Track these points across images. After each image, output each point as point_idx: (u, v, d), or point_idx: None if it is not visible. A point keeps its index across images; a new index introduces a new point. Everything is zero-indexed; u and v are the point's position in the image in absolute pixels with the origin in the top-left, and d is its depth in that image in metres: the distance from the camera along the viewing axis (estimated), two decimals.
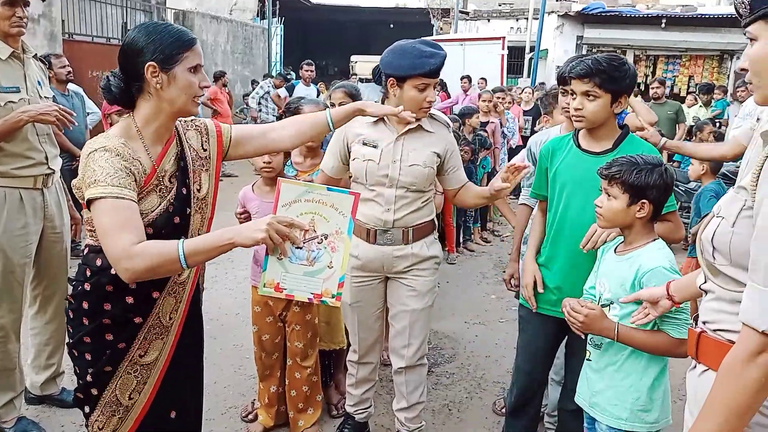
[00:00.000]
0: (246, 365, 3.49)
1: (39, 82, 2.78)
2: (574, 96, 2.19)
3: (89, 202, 1.57)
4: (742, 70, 1.25)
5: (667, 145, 3.34)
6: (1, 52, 2.59)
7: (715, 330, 1.29)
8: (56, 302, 2.93)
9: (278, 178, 1.80)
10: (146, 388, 1.79)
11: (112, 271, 1.63)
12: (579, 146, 2.28)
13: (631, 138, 2.26)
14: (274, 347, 2.81)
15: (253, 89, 12.94)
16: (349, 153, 2.49)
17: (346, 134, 2.48)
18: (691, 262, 3.99)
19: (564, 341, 2.48)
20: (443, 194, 2.94)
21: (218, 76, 10.35)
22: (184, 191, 1.76)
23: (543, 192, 2.40)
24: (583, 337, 1.98)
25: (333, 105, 3.21)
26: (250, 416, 2.98)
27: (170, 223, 1.71)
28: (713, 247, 1.25)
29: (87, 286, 1.71)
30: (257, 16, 19.26)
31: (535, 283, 2.38)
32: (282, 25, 20.25)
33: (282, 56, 20.53)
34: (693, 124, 7.58)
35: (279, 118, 8.47)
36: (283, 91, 9.05)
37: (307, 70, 8.44)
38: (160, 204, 1.69)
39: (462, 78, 9.90)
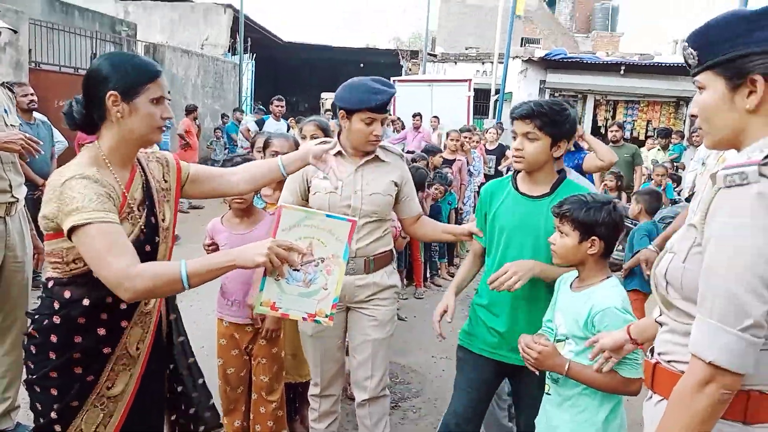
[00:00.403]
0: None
1: (5, 110, 2.77)
2: (515, 137, 2.28)
3: (72, 230, 1.55)
4: (692, 116, 1.34)
5: (585, 137, 4.01)
6: None
7: (668, 361, 1.34)
8: (14, 334, 2.85)
9: (279, 204, 1.93)
10: (113, 421, 1.76)
11: (85, 302, 1.65)
12: (517, 189, 2.29)
13: (568, 182, 2.28)
14: (239, 381, 2.77)
15: (224, 123, 12.98)
16: (309, 188, 2.55)
17: (306, 170, 2.53)
18: (631, 296, 4.15)
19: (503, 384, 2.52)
20: (402, 232, 3.03)
21: (190, 110, 10.37)
22: (153, 220, 1.79)
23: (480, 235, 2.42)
24: (537, 373, 1.99)
25: (305, 137, 3.27)
26: None
27: (142, 251, 1.71)
28: (666, 282, 1.31)
29: (56, 319, 1.68)
30: (228, 51, 19.40)
31: (473, 324, 2.42)
32: (253, 61, 20.41)
33: (253, 91, 20.65)
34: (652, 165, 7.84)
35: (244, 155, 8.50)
36: (252, 125, 9.09)
37: (277, 106, 8.51)
38: (132, 231, 1.71)
39: (414, 116, 10.16)
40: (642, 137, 12.91)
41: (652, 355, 1.42)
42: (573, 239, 1.95)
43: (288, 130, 8.55)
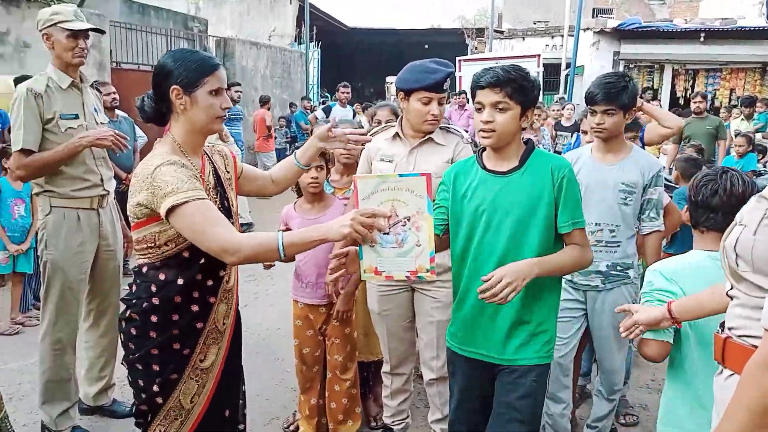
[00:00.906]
0: (287, 378, 3.58)
1: (95, 109, 2.98)
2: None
3: (170, 211, 1.70)
4: None
5: (644, 107, 3.62)
6: (63, 82, 2.79)
7: (740, 336, 1.32)
8: (109, 317, 3.08)
9: (353, 176, 1.98)
10: (205, 391, 1.92)
11: (179, 282, 1.82)
12: (485, 167, 2.06)
13: (537, 153, 2.05)
14: (314, 360, 2.89)
15: (291, 112, 13.26)
16: (371, 171, 2.63)
17: (369, 152, 2.63)
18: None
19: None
20: None
21: (264, 101, 10.75)
22: (226, 203, 1.94)
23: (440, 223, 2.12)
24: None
25: (379, 122, 3.32)
26: (291, 427, 3.07)
27: None
28: (736, 254, 1.29)
29: (155, 301, 1.84)
30: (295, 41, 19.72)
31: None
32: (319, 49, 20.66)
33: (319, 79, 20.94)
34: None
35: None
36: (320, 113, 9.25)
37: (343, 92, 8.62)
38: None
39: (459, 93, 9.94)
40: (724, 107, 12.19)
41: (722, 330, 1.39)
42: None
43: (354, 116, 8.66)
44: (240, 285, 2.11)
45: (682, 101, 12.97)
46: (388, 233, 1.77)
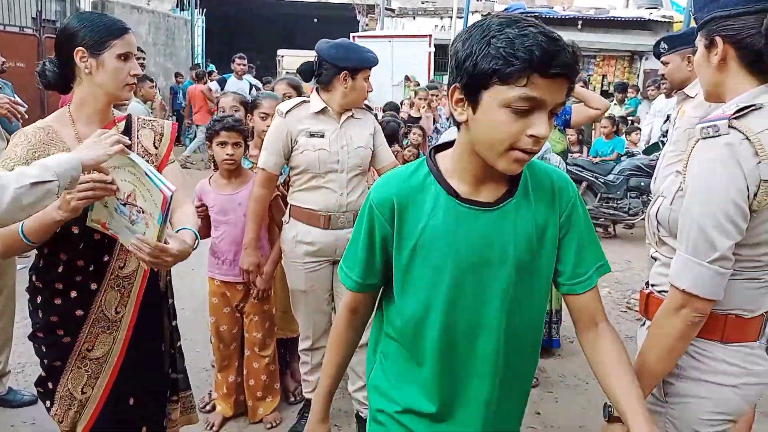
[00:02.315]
0: (197, 358, 3.48)
1: None
2: None
3: None
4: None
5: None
6: None
7: (660, 291, 1.52)
8: (2, 299, 2.84)
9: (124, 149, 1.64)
10: (99, 383, 1.83)
11: (60, 264, 1.73)
12: (456, 196, 1.21)
13: (531, 164, 1.25)
14: (231, 338, 2.85)
15: (178, 83, 12.61)
16: (293, 148, 2.59)
17: (289, 130, 2.58)
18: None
19: None
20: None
21: (200, 76, 10.44)
22: None
23: (373, 279, 1.33)
24: None
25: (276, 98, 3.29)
26: (207, 407, 3.01)
27: None
28: (657, 221, 1.49)
29: (38, 283, 1.78)
30: (176, 6, 18.67)
31: None
32: (204, 17, 19.73)
33: (204, 48, 20.02)
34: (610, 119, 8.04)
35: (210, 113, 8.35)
36: (214, 85, 8.91)
37: (239, 64, 8.36)
38: None
39: None
40: (598, 92, 13.16)
41: (647, 287, 1.59)
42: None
43: (250, 88, 8.41)
44: None
45: None
46: (125, 205, 1.64)
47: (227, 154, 2.66)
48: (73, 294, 1.76)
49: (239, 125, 2.70)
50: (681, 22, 13.29)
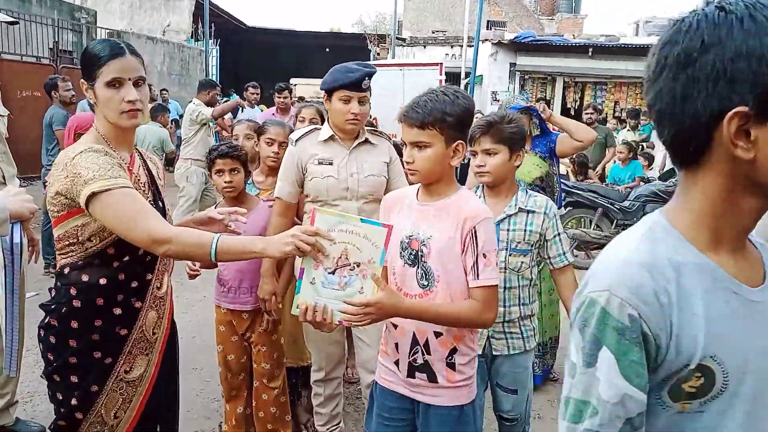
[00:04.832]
0: (207, 388, 3.42)
1: None
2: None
3: (91, 199, 1.57)
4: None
5: (553, 118, 3.69)
6: None
7: None
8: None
9: (314, 207, 1.71)
10: (132, 405, 1.78)
11: (102, 282, 1.68)
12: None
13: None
14: (240, 367, 2.77)
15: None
16: (304, 175, 2.57)
17: (300, 158, 2.57)
18: None
19: None
20: None
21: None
22: (160, 204, 1.84)
23: None
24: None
25: (303, 120, 3.27)
26: None
27: None
28: None
29: (76, 303, 1.70)
30: (191, 37, 18.99)
31: None
32: (218, 47, 20.07)
33: (218, 78, 20.31)
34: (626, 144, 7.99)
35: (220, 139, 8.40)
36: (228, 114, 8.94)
37: (252, 93, 8.41)
38: None
39: None
40: (610, 118, 13.12)
41: None
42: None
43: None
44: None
45: (572, 111, 13.80)
46: (333, 273, 1.65)
47: (225, 182, 2.63)
48: (117, 311, 1.72)
49: (234, 152, 2.66)
50: None
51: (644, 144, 8.83)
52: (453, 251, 1.72)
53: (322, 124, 3.15)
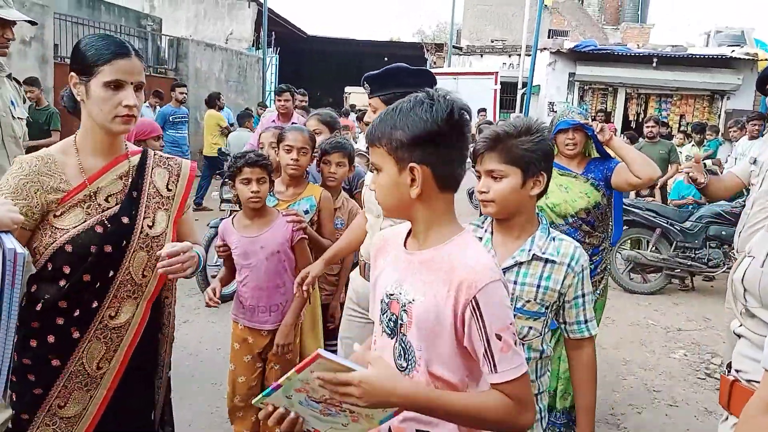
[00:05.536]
0: (223, 406, 3.28)
1: (12, 102, 2.66)
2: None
3: None
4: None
5: (612, 142, 2.93)
6: None
7: (748, 380, 1.17)
8: None
9: (318, 350, 1.19)
10: None
11: (42, 300, 1.55)
12: None
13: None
14: (248, 393, 2.60)
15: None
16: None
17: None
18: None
19: None
20: None
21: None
22: (125, 220, 1.64)
23: None
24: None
25: (319, 133, 3.15)
26: None
27: (100, 251, 1.58)
28: (744, 288, 1.17)
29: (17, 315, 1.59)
30: (252, 45, 19.34)
31: None
32: (277, 55, 20.35)
33: (276, 85, 20.61)
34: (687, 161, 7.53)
35: None
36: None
37: (301, 100, 8.37)
38: (85, 221, 1.59)
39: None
40: (675, 132, 12.48)
41: (729, 371, 1.24)
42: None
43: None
44: (181, 300, 1.83)
45: (634, 125, 13.21)
46: (318, 402, 1.26)
47: (252, 192, 2.48)
48: (51, 339, 1.58)
49: (262, 160, 2.52)
50: (767, 60, 12.51)
51: (709, 161, 8.28)
52: (440, 324, 1.24)
53: (331, 133, 3.05)
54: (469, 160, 1.46)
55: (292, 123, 5.81)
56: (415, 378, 1.27)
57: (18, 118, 2.66)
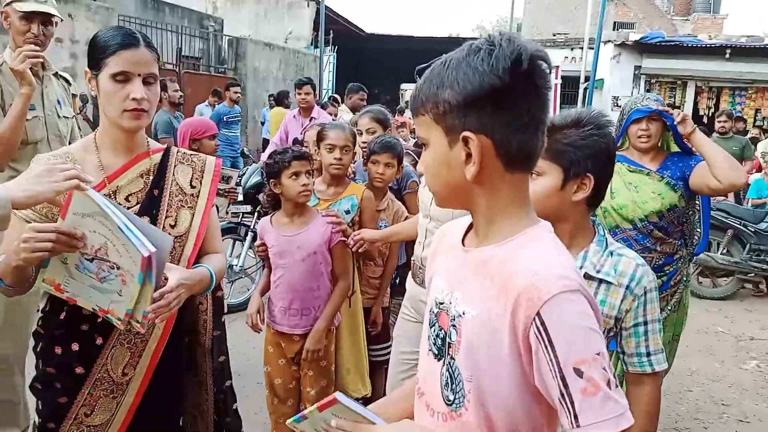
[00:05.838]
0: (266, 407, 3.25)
1: (59, 101, 2.68)
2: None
3: None
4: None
5: (695, 137, 2.52)
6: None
7: None
8: (8, 344, 2.76)
9: (336, 393, 1.07)
10: None
11: (64, 309, 1.51)
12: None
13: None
14: (287, 393, 2.56)
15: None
16: None
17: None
18: None
19: None
20: None
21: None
22: (146, 220, 1.58)
23: None
24: None
25: (360, 132, 3.04)
26: None
27: None
28: None
29: (41, 329, 1.58)
30: (311, 44, 19.52)
31: None
32: (335, 54, 20.45)
33: (335, 83, 20.72)
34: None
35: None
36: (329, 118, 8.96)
37: (362, 98, 8.30)
38: None
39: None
40: (750, 127, 11.75)
41: None
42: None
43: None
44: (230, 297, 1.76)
45: (705, 120, 12.54)
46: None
47: (303, 185, 2.40)
48: (75, 347, 1.55)
49: (307, 153, 2.47)
50: None
51: None
52: (494, 350, 0.93)
53: (384, 131, 2.92)
54: None
55: (311, 118, 5.75)
56: (464, 417, 0.97)
57: (64, 117, 2.68)
